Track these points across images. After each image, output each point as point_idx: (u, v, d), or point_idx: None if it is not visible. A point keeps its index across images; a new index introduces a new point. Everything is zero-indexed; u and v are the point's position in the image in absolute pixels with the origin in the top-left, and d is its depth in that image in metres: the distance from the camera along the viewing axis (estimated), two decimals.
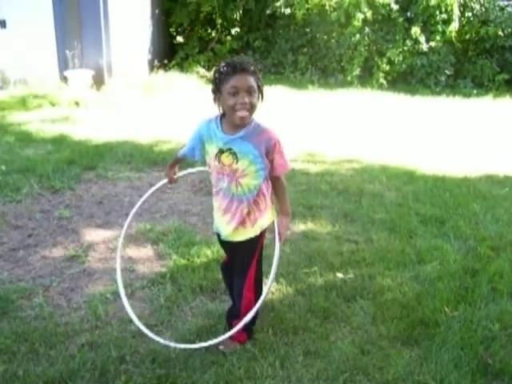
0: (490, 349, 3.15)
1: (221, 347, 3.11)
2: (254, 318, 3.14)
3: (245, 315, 3.00)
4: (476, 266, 4.16)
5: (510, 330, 3.34)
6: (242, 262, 3.11)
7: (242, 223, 2.98)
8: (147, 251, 4.42)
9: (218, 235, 3.18)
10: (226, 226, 3.01)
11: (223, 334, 3.23)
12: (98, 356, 3.06)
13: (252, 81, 2.75)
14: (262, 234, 3.09)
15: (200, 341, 3.19)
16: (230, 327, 3.13)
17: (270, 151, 2.87)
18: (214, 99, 2.84)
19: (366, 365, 3.02)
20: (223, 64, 2.77)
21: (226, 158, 2.86)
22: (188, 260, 4.12)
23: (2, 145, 7.38)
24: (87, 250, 4.42)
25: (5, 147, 7.26)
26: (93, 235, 4.70)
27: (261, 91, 2.83)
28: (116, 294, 3.71)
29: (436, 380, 2.90)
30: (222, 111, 2.87)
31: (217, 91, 2.79)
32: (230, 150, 2.85)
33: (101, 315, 3.48)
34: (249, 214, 2.97)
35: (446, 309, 3.55)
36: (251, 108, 2.78)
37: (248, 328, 3.16)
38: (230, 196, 2.93)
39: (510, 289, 3.82)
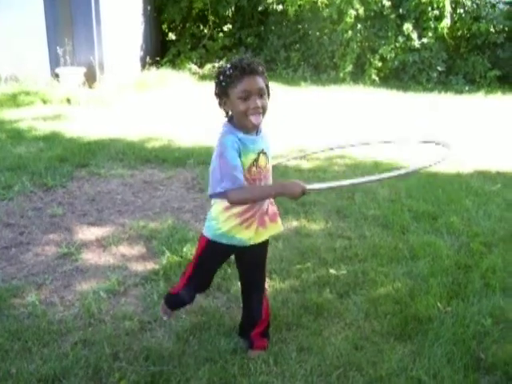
0: (482, 344, 3.17)
1: (249, 354, 3.07)
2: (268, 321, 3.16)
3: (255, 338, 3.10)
4: (468, 262, 4.17)
5: (502, 325, 3.35)
6: (261, 274, 3.06)
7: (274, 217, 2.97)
8: (140, 248, 4.41)
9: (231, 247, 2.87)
10: (264, 233, 2.89)
11: (216, 330, 3.25)
12: (92, 353, 3.05)
13: (262, 82, 2.58)
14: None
15: (194, 338, 3.19)
16: (249, 338, 3.13)
17: None
18: (220, 104, 2.66)
19: (360, 360, 3.02)
20: (229, 66, 2.55)
21: (263, 160, 2.73)
22: (181, 257, 4.12)
23: None
24: (80, 247, 4.40)
25: None
26: (85, 232, 4.69)
27: (269, 91, 2.67)
28: (110, 291, 3.71)
29: (429, 375, 2.91)
30: (228, 116, 2.70)
31: (223, 95, 2.61)
32: (262, 150, 2.72)
33: (94, 313, 3.47)
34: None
35: (439, 304, 3.56)
36: (264, 111, 2.62)
37: (266, 333, 3.16)
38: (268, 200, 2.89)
39: (503, 284, 3.84)
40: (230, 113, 2.67)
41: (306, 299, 3.61)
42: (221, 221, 2.75)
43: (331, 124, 9.07)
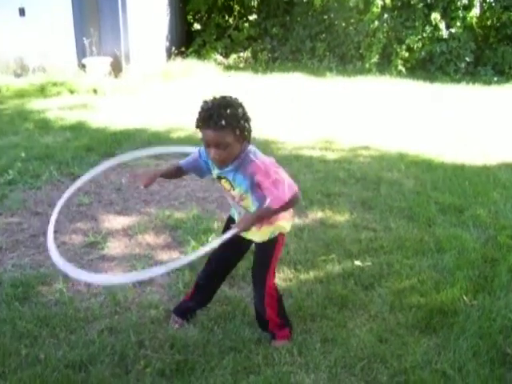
0: (509, 338, 3.14)
1: (273, 344, 3.11)
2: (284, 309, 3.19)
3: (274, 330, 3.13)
4: (495, 255, 4.12)
5: None
6: (258, 271, 3.11)
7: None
8: (166, 238, 4.45)
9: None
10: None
11: (241, 320, 3.26)
12: (118, 341, 3.09)
13: (219, 136, 2.55)
14: (276, 243, 3.01)
15: (218, 327, 3.22)
16: (268, 331, 3.17)
17: (256, 186, 2.70)
18: None
19: (384, 352, 3.02)
20: (200, 109, 2.58)
21: (225, 184, 2.83)
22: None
23: (22, 132, 7.45)
24: (106, 236, 4.45)
25: (24, 134, 7.33)
26: (112, 222, 4.74)
27: (242, 137, 2.63)
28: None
29: (454, 368, 2.90)
30: None
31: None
32: (225, 178, 2.80)
33: (120, 301, 3.51)
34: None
35: (465, 298, 3.54)
36: (223, 160, 2.66)
37: (285, 324, 3.17)
38: (239, 211, 2.96)
39: None
40: None
41: (330, 290, 3.61)
42: None
43: (357, 115, 9.00)
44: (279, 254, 3.08)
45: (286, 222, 2.97)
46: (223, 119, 2.52)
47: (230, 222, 3.09)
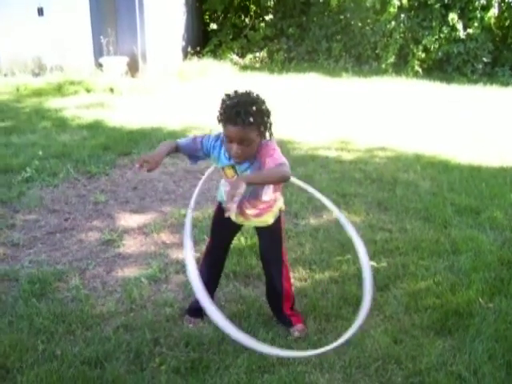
0: None
1: (296, 334, 3.17)
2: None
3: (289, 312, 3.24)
4: None
5: None
6: (272, 249, 3.19)
7: (245, 216, 3.02)
8: (181, 236, 4.44)
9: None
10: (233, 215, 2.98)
11: (255, 319, 3.27)
12: (133, 338, 3.11)
13: (245, 133, 2.58)
14: (280, 220, 3.13)
15: (233, 327, 3.22)
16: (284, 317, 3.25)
17: (262, 163, 2.71)
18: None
19: (399, 354, 3.01)
20: (224, 104, 2.62)
21: (228, 171, 2.88)
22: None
23: (40, 130, 7.52)
24: (122, 234, 4.48)
25: (42, 133, 7.40)
26: (127, 220, 4.77)
27: (264, 133, 2.68)
28: (151, 278, 3.77)
29: (469, 371, 2.88)
30: None
31: (218, 120, 2.70)
32: (230, 165, 2.84)
33: (136, 298, 3.54)
34: (250, 210, 2.99)
35: (481, 300, 3.51)
36: (244, 156, 2.70)
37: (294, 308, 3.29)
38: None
39: None
40: None
41: (345, 291, 3.60)
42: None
43: (372, 115, 8.97)
44: (284, 227, 3.25)
45: (281, 201, 3.11)
46: (251, 116, 2.56)
47: (221, 206, 3.11)
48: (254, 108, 2.58)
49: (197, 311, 3.29)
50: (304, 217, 4.80)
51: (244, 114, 2.55)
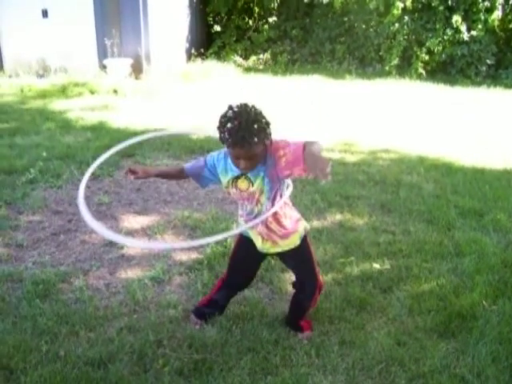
0: None
1: (304, 340, 3.17)
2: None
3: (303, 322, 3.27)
4: None
5: None
6: (303, 268, 3.18)
7: (272, 239, 2.98)
8: (184, 238, 4.47)
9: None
10: (263, 245, 3.02)
11: (259, 321, 3.27)
12: (137, 340, 3.12)
13: (252, 151, 2.60)
14: (306, 239, 3.12)
15: (236, 328, 3.23)
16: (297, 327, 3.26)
17: (276, 159, 2.70)
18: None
19: (402, 356, 3.01)
20: (226, 129, 2.56)
21: (242, 184, 2.83)
22: (225, 247, 4.15)
23: (44, 132, 7.54)
24: (126, 235, 4.48)
25: (46, 134, 7.41)
26: (131, 221, 4.78)
27: (267, 144, 2.68)
28: (154, 279, 3.78)
29: (473, 373, 2.88)
30: None
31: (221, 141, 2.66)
32: (244, 175, 2.80)
33: (139, 300, 3.54)
34: (275, 227, 2.95)
35: (485, 302, 3.51)
36: (253, 166, 2.71)
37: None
38: (254, 216, 2.90)
39: None
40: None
41: (349, 293, 3.60)
42: None
43: (376, 118, 8.96)
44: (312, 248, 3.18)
45: (303, 222, 3.10)
46: (255, 136, 2.55)
47: (247, 241, 3.06)
48: (256, 126, 2.56)
49: (203, 314, 3.30)
50: (307, 219, 4.78)
51: (249, 137, 2.53)
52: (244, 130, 2.53)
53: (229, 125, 2.55)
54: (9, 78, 11.43)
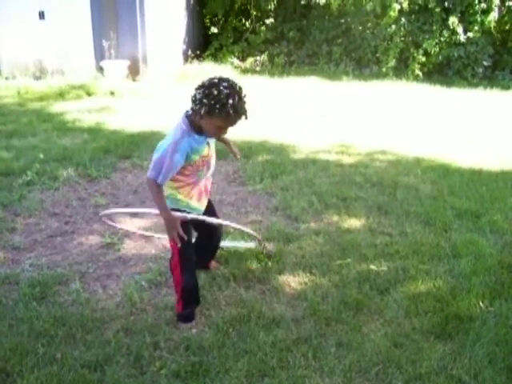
0: None
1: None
2: None
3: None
4: None
5: None
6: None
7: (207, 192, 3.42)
8: None
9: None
10: (205, 203, 3.39)
11: (256, 323, 3.27)
12: (133, 342, 3.12)
13: None
14: None
15: (233, 330, 3.22)
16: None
17: None
18: (196, 110, 2.91)
19: (399, 358, 3.01)
20: (230, 104, 2.79)
21: (206, 149, 3.14)
22: (222, 249, 4.15)
23: (41, 134, 7.53)
24: (122, 237, 4.49)
25: (43, 136, 7.41)
26: (128, 223, 4.77)
27: None
28: (151, 281, 3.78)
29: (470, 375, 2.88)
30: (194, 120, 3.01)
31: (207, 113, 2.86)
32: (207, 143, 3.15)
33: (136, 302, 3.54)
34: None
35: (481, 304, 3.51)
36: None
37: None
38: (205, 179, 3.28)
39: None
40: (196, 117, 2.97)
41: (345, 295, 3.60)
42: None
43: (373, 119, 8.98)
44: None
45: None
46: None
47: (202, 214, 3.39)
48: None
49: (188, 316, 3.36)
50: (304, 220, 4.80)
51: (246, 107, 2.92)
52: (244, 103, 2.87)
53: (230, 100, 2.79)
54: (5, 79, 11.42)
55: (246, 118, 2.91)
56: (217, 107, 2.79)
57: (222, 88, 2.80)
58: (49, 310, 3.41)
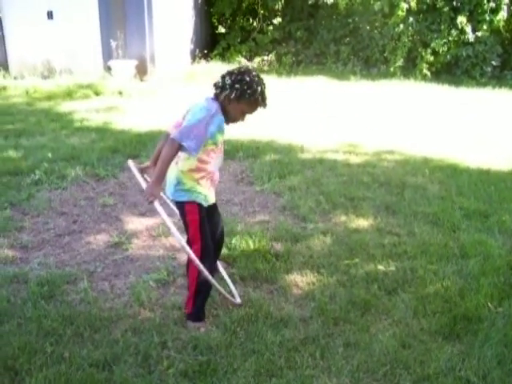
0: None
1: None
2: None
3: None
4: None
5: None
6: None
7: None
8: None
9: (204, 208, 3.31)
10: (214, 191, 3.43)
11: (263, 322, 3.27)
12: (141, 341, 3.12)
13: None
14: None
15: (241, 330, 3.22)
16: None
17: None
18: (225, 95, 3.07)
19: (407, 358, 3.00)
20: (260, 90, 3.04)
21: (221, 136, 3.21)
22: (229, 249, 4.15)
23: (49, 133, 7.55)
24: (130, 237, 4.49)
25: (51, 135, 7.43)
26: (136, 223, 4.78)
27: None
28: (159, 281, 3.78)
29: (478, 376, 2.86)
30: (222, 104, 3.12)
31: (235, 99, 3.05)
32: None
33: (143, 301, 3.54)
34: None
35: (490, 305, 3.49)
36: None
37: None
38: (217, 170, 3.35)
39: None
40: (224, 102, 3.11)
41: (353, 295, 3.59)
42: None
43: (381, 119, 8.96)
44: None
45: None
46: None
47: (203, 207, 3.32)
48: None
49: (199, 315, 3.34)
50: (312, 220, 4.80)
51: None
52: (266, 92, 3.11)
53: (259, 87, 3.04)
54: (14, 79, 11.47)
55: (266, 106, 3.12)
56: (248, 92, 3.01)
57: (252, 76, 3.03)
58: (57, 309, 3.42)
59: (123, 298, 3.61)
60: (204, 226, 3.27)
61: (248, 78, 3.02)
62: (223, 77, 3.11)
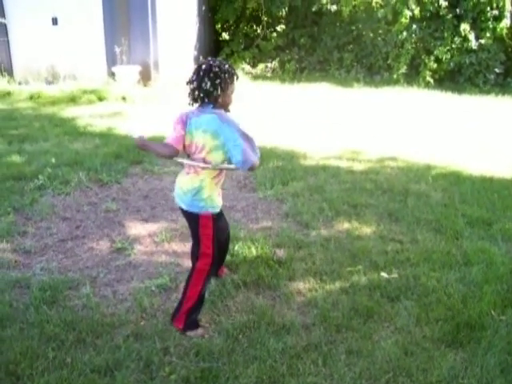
0: None
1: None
2: None
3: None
4: None
5: None
6: None
7: None
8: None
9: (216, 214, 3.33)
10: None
11: (266, 329, 3.26)
12: (143, 347, 3.12)
13: None
14: None
15: (243, 336, 3.22)
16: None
17: None
18: (214, 94, 3.21)
19: (410, 366, 2.99)
20: (230, 69, 3.22)
21: None
22: (232, 255, 4.15)
23: (52, 138, 7.57)
24: (133, 242, 4.50)
25: (54, 141, 7.45)
26: (139, 228, 4.78)
27: None
28: (161, 287, 3.78)
29: None
30: (216, 103, 3.26)
31: (221, 90, 3.19)
32: None
33: (146, 307, 3.54)
34: None
35: (493, 312, 3.49)
36: None
37: None
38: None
39: None
40: (217, 100, 3.25)
41: (356, 302, 3.59)
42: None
43: (384, 126, 8.95)
44: None
45: None
46: None
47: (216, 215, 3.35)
48: None
49: (195, 322, 3.33)
50: (315, 227, 4.80)
51: None
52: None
53: (226, 66, 3.21)
54: (18, 84, 11.50)
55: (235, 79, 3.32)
56: (227, 77, 3.18)
57: (216, 64, 3.18)
58: (59, 314, 3.42)
59: (125, 304, 3.62)
60: (216, 239, 3.29)
61: (217, 69, 3.16)
62: (198, 87, 3.26)
